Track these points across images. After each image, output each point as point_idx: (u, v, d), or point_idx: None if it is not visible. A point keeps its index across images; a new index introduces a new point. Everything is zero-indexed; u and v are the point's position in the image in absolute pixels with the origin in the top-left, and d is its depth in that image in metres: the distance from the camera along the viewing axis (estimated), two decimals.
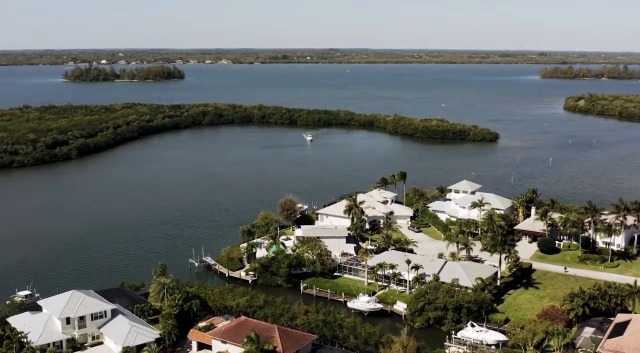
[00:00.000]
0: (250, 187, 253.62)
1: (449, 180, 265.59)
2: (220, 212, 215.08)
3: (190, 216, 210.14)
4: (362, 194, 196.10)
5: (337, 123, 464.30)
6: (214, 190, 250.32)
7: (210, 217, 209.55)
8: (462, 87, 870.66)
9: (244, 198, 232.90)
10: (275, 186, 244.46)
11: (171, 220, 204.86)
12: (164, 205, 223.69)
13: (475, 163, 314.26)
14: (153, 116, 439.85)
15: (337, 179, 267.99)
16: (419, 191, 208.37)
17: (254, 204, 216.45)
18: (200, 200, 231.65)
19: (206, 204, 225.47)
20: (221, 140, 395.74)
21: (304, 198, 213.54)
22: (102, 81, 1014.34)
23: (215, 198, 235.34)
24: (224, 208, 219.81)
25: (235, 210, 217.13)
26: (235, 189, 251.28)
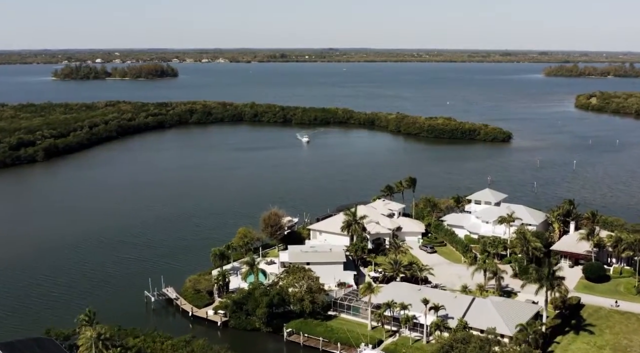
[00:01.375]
0: (231, 196, 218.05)
1: (461, 186, 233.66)
2: (190, 228, 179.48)
3: (152, 233, 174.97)
4: (363, 206, 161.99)
5: (335, 122, 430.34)
6: (186, 199, 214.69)
7: (177, 234, 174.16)
8: (464, 85, 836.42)
9: (221, 210, 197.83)
10: (261, 195, 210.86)
11: (129, 238, 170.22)
12: (123, 219, 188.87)
13: (488, 166, 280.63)
14: (135, 114, 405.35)
15: (334, 186, 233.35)
16: (431, 201, 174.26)
17: (233, 218, 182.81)
18: (168, 212, 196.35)
19: (174, 217, 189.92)
20: (207, 141, 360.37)
21: (295, 210, 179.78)
22: (93, 79, 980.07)
23: (186, 209, 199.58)
24: (195, 223, 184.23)
25: (208, 225, 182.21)
26: (212, 199, 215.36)
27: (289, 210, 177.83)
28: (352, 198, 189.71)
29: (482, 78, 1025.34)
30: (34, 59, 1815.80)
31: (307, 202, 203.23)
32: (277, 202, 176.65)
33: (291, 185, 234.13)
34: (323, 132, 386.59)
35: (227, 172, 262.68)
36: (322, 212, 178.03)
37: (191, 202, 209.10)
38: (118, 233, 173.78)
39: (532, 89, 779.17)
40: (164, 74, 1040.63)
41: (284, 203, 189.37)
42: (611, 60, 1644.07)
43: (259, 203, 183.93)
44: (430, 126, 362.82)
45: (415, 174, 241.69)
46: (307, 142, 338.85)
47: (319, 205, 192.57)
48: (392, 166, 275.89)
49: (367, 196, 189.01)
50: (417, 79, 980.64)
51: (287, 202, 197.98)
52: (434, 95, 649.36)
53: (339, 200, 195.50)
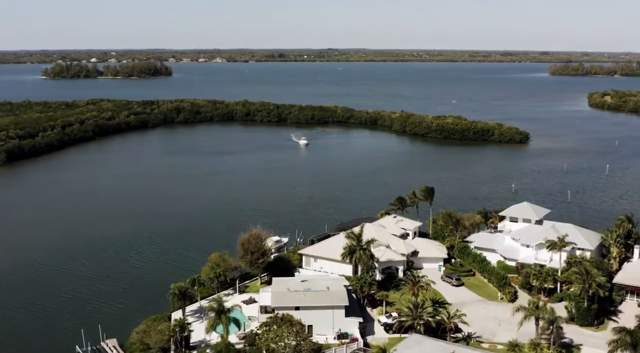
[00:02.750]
0: (206, 211, 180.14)
1: (479, 196, 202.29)
2: (147, 254, 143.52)
3: (94, 261, 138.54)
4: (369, 225, 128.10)
5: (334, 121, 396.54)
6: (147, 215, 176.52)
7: (128, 262, 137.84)
8: (468, 84, 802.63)
9: (191, 230, 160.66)
10: (244, 210, 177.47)
11: (59, 268, 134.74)
12: (58, 240, 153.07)
13: (507, 171, 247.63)
14: (116, 113, 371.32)
15: (334, 198, 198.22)
16: (453, 217, 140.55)
17: (205, 240, 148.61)
18: (120, 232, 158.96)
19: (127, 239, 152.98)
20: (190, 142, 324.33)
21: (285, 228, 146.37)
22: (84, 78, 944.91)
23: (145, 228, 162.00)
24: (155, 247, 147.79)
25: (172, 251, 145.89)
26: (181, 214, 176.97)
27: (277, 228, 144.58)
28: (356, 213, 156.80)
29: (485, 77, 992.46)
30: (28, 58, 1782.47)
31: (300, 217, 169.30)
32: (263, 218, 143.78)
33: (282, 197, 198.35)
34: (321, 132, 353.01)
35: (206, 180, 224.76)
36: (318, 231, 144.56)
37: (153, 219, 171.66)
38: (48, 260, 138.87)
39: (539, 87, 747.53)
40: (158, 73, 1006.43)
41: (272, 219, 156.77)
42: (614, 60, 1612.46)
43: (240, 220, 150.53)
44: (438, 126, 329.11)
45: (425, 181, 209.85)
46: (305, 145, 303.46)
47: (314, 221, 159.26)
48: (399, 171, 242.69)
49: (374, 210, 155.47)
50: (417, 78, 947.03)
51: (275, 217, 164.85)
52: (437, 94, 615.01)
53: (340, 215, 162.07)
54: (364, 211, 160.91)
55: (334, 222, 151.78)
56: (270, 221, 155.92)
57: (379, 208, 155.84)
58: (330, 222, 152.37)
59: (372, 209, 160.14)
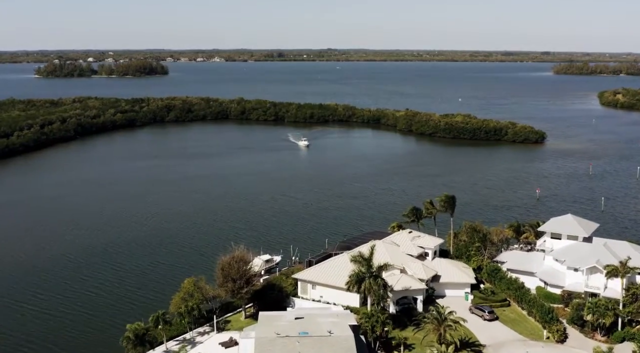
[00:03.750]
0: (184, 225, 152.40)
1: (499, 203, 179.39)
2: (101, 280, 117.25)
3: (42, 289, 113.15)
4: (380, 242, 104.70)
5: (335, 120, 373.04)
6: (114, 228, 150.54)
7: (83, 293, 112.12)
8: (472, 83, 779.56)
9: (163, 248, 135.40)
10: (233, 221, 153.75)
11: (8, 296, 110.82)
12: (11, 261, 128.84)
13: (525, 174, 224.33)
14: (102, 111, 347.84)
15: (336, 208, 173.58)
16: (479, 231, 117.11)
17: (179, 261, 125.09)
18: (79, 249, 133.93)
19: (80, 261, 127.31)
20: (179, 142, 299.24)
21: (278, 245, 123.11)
22: (78, 77, 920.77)
23: (108, 246, 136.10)
24: (113, 272, 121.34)
25: (135, 274, 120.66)
26: (154, 228, 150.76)
27: (269, 243, 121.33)
28: (362, 226, 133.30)
29: (488, 76, 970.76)
30: (25, 58, 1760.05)
31: (296, 230, 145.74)
32: (252, 232, 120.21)
33: (276, 206, 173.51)
34: (321, 132, 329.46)
35: (187, 186, 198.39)
36: (317, 247, 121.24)
37: (115, 233, 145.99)
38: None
39: (545, 86, 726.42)
40: (153, 72, 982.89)
41: (263, 233, 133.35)
42: (615, 59, 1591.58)
43: (225, 234, 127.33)
44: (447, 125, 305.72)
45: (436, 186, 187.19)
46: (306, 146, 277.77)
47: (313, 236, 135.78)
48: (408, 175, 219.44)
49: (383, 222, 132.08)
50: (418, 76, 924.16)
51: (266, 230, 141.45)
52: (441, 93, 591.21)
53: (343, 227, 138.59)
54: (371, 223, 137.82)
55: (336, 236, 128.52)
56: (261, 235, 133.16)
57: (389, 219, 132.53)
58: (331, 237, 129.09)
59: (381, 221, 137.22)
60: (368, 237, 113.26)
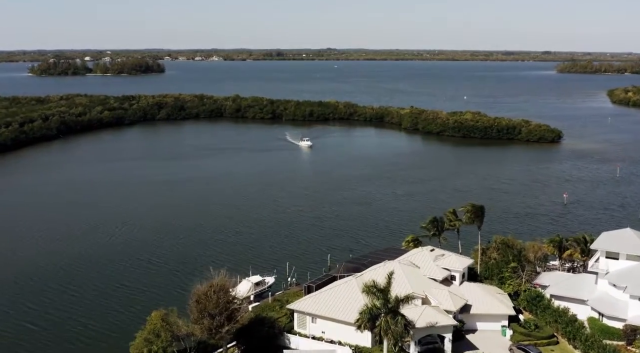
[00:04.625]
0: (157, 241, 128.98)
1: (521, 210, 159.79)
2: (55, 313, 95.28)
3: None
4: (397, 263, 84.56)
5: (335, 118, 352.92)
6: (72, 241, 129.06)
7: (18, 327, 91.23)
8: (474, 81, 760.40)
9: (130, 269, 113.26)
10: (220, 235, 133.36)
11: None
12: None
13: (544, 177, 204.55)
14: (88, 109, 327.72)
15: (340, 215, 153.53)
16: (513, 247, 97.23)
17: (150, 287, 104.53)
18: (22, 277, 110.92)
19: (27, 292, 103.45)
20: (166, 142, 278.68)
21: (271, 263, 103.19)
22: (72, 75, 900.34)
23: (66, 271, 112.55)
24: (68, 303, 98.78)
25: (94, 303, 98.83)
26: (121, 243, 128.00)
27: (259, 262, 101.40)
28: (371, 240, 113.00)
29: (491, 74, 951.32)
30: (21, 57, 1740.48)
31: (293, 245, 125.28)
32: (240, 247, 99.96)
33: (269, 216, 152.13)
34: (321, 131, 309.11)
35: (168, 192, 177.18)
36: (317, 265, 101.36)
37: (72, 251, 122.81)
38: None
39: (551, 84, 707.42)
40: (149, 70, 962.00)
41: (253, 248, 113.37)
42: (617, 59, 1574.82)
43: (208, 251, 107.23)
44: (456, 123, 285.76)
45: (447, 191, 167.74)
46: (309, 147, 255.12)
47: (313, 251, 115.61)
48: (418, 178, 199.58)
49: (396, 235, 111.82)
50: (419, 75, 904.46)
51: (259, 245, 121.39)
52: (443, 91, 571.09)
53: (349, 241, 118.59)
54: (381, 236, 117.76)
55: (341, 252, 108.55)
56: (250, 249, 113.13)
57: (401, 232, 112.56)
58: (335, 252, 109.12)
59: (392, 234, 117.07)
60: (380, 255, 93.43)
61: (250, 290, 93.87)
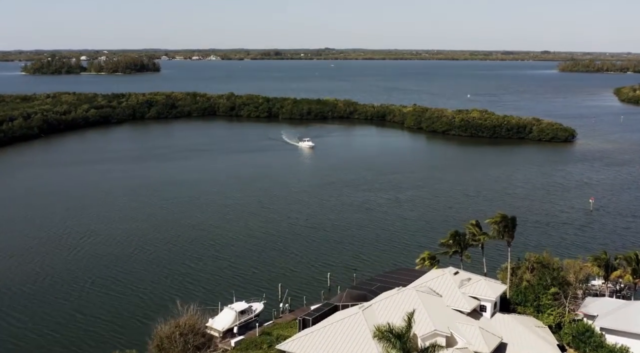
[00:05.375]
0: (131, 255, 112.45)
1: (539, 219, 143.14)
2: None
3: None
4: (412, 290, 67.86)
5: (334, 116, 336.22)
6: (24, 265, 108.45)
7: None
8: (475, 79, 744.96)
9: (92, 293, 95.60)
10: (199, 250, 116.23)
11: None
12: None
13: (562, 180, 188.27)
14: (74, 107, 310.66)
15: (338, 225, 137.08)
16: (549, 267, 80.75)
17: (106, 321, 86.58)
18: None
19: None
20: (149, 143, 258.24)
21: (260, 286, 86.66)
22: (66, 74, 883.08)
23: (6, 295, 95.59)
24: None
25: (30, 345, 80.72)
26: (85, 263, 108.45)
27: (245, 284, 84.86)
28: (380, 257, 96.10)
29: (492, 73, 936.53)
30: (17, 56, 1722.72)
31: (287, 263, 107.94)
32: (219, 263, 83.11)
33: (258, 228, 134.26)
34: (319, 130, 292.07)
35: (142, 197, 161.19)
36: (314, 289, 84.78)
37: (19, 270, 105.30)
38: None
39: (554, 83, 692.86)
40: (144, 69, 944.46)
41: (235, 266, 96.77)
42: (617, 58, 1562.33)
43: (178, 273, 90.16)
44: (463, 121, 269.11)
45: (455, 196, 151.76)
46: (310, 148, 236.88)
47: (310, 271, 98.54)
48: (426, 182, 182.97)
49: (407, 250, 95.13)
50: (419, 73, 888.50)
51: (245, 264, 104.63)
52: (444, 89, 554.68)
53: (351, 258, 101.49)
54: (390, 251, 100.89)
55: (343, 271, 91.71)
56: (234, 267, 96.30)
57: (412, 245, 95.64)
58: (336, 272, 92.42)
59: (402, 248, 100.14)
60: (390, 278, 76.99)
61: (234, 321, 77.34)
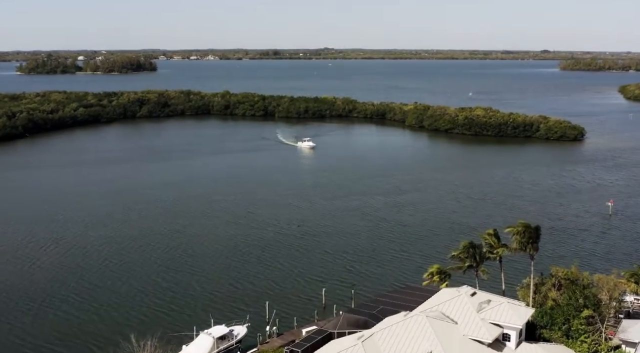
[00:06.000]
0: (98, 269, 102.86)
1: (555, 225, 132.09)
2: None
3: None
4: (421, 316, 56.20)
5: (333, 115, 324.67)
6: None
7: None
8: (477, 78, 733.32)
9: (41, 314, 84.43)
10: (176, 263, 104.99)
11: None
12: None
13: (574, 181, 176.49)
14: (62, 105, 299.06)
15: (333, 231, 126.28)
16: (578, 282, 69.03)
17: None
18: None
19: None
20: (134, 144, 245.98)
21: (243, 306, 75.03)
22: (61, 74, 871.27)
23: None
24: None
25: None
26: (42, 277, 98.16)
27: (225, 304, 73.18)
28: (381, 271, 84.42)
29: (492, 72, 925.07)
30: (14, 56, 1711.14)
31: (275, 277, 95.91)
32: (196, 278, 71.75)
33: (243, 237, 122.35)
34: (317, 129, 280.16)
35: (118, 202, 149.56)
36: (307, 312, 72.99)
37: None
38: None
39: (557, 81, 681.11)
40: (141, 68, 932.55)
41: (214, 282, 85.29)
42: (617, 57, 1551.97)
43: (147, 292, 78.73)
44: (467, 119, 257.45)
45: (462, 199, 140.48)
46: (311, 148, 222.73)
47: (301, 288, 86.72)
48: (431, 185, 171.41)
49: (410, 264, 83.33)
50: (418, 72, 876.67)
51: (223, 278, 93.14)
52: (444, 88, 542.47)
53: (347, 271, 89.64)
54: (392, 263, 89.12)
55: (338, 287, 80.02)
56: (214, 286, 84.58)
57: (416, 256, 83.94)
58: (331, 287, 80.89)
59: (406, 258, 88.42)
60: (395, 299, 65.33)
61: (212, 349, 65.88)
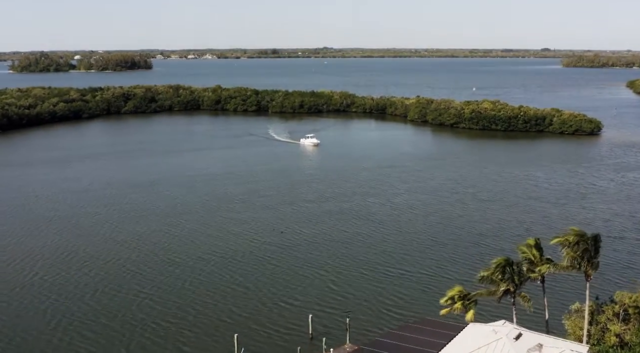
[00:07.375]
0: (49, 284, 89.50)
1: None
2: None
3: None
4: None
5: (330, 110, 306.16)
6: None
7: None
8: (480, 74, 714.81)
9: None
10: (143, 281, 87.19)
11: None
12: None
13: (594, 179, 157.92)
14: (40, 100, 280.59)
15: (320, 241, 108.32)
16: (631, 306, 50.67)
17: None
18: None
19: None
20: (109, 140, 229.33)
21: (208, 340, 56.22)
22: (54, 72, 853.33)
23: None
24: None
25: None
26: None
27: (182, 342, 54.60)
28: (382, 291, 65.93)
29: (494, 69, 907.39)
30: (12, 56, 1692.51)
31: (248, 299, 77.95)
32: (163, 303, 53.55)
33: (221, 251, 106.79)
34: (312, 124, 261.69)
35: (85, 207, 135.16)
36: (290, 351, 54.68)
37: None
38: None
39: (561, 77, 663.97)
40: (135, 66, 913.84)
41: (184, 308, 66.64)
42: (619, 55, 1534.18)
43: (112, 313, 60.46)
44: (473, 112, 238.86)
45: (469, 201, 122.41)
46: (315, 145, 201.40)
47: (282, 314, 68.24)
48: (439, 186, 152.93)
49: (418, 279, 64.85)
50: (419, 69, 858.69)
51: (185, 304, 74.87)
52: (445, 84, 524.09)
53: (339, 299, 71.12)
54: (395, 279, 70.53)
55: (329, 317, 61.55)
56: (168, 314, 66.31)
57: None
58: (321, 313, 62.33)
59: (414, 272, 69.86)
60: (408, 341, 46.71)
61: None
